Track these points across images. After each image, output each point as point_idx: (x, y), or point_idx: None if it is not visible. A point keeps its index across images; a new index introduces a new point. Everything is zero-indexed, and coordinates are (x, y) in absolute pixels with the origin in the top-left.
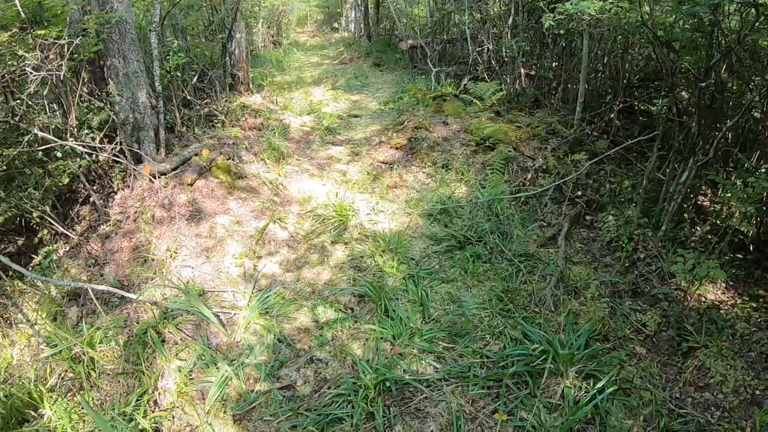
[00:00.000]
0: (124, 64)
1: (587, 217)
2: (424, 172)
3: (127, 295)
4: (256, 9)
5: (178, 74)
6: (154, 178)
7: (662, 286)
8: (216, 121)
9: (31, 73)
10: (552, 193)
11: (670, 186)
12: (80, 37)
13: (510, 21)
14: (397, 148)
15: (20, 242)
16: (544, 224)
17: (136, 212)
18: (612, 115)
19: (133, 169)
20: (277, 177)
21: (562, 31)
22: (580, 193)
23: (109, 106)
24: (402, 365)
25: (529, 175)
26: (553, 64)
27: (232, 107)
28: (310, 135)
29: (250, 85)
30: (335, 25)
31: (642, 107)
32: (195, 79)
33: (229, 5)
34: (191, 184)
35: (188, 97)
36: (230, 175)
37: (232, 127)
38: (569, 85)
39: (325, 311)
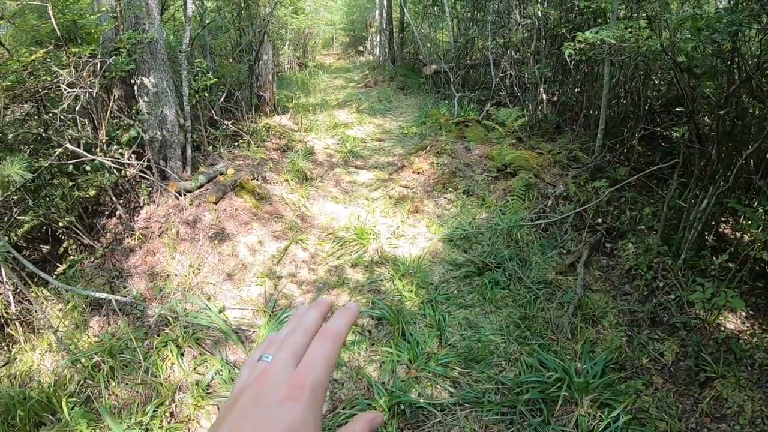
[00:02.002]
0: (155, 83)
1: (607, 245)
2: (445, 198)
3: (149, 308)
4: (283, 31)
5: (206, 94)
6: (180, 195)
7: (681, 315)
8: (241, 141)
9: (65, 89)
10: (572, 221)
11: (690, 213)
12: (113, 56)
13: (533, 47)
14: (419, 173)
15: (45, 250)
16: (564, 251)
17: (161, 228)
18: (633, 142)
19: (160, 185)
20: (300, 199)
21: (583, 58)
22: (600, 220)
23: (138, 123)
24: (417, 388)
25: (550, 202)
26: (575, 90)
27: (257, 128)
28: (333, 158)
29: (276, 107)
30: (360, 48)
31: (663, 133)
32: (222, 99)
33: (257, 27)
34: (216, 203)
35: (215, 117)
36: (254, 195)
37: (257, 147)
38: (591, 112)
39: None
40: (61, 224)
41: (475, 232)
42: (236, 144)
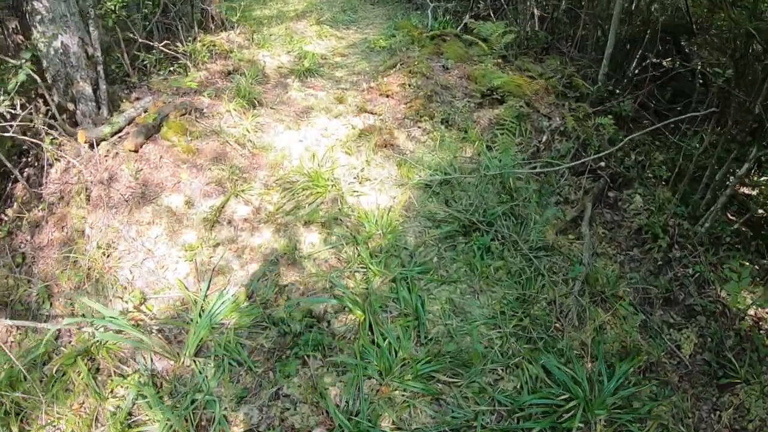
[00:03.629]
0: (49, 7)
1: (610, 194)
2: (419, 128)
3: (39, 326)
4: None
5: (123, 13)
6: (93, 146)
7: (699, 297)
8: (178, 65)
9: None
10: (569, 159)
11: (716, 173)
12: None
13: None
14: (387, 96)
15: None
16: (561, 200)
17: (70, 191)
18: (636, 70)
19: (67, 135)
20: (244, 133)
21: None
22: (603, 164)
23: (26, 62)
24: (390, 413)
25: (545, 138)
26: (570, 5)
27: (198, 48)
28: (288, 78)
29: (224, 21)
30: None
31: (674, 64)
32: (158, 15)
33: None
34: (136, 151)
35: (141, 40)
36: (185, 135)
37: (198, 71)
38: (590, 32)
39: (293, 325)
40: None
41: (458, 178)
42: (172, 70)
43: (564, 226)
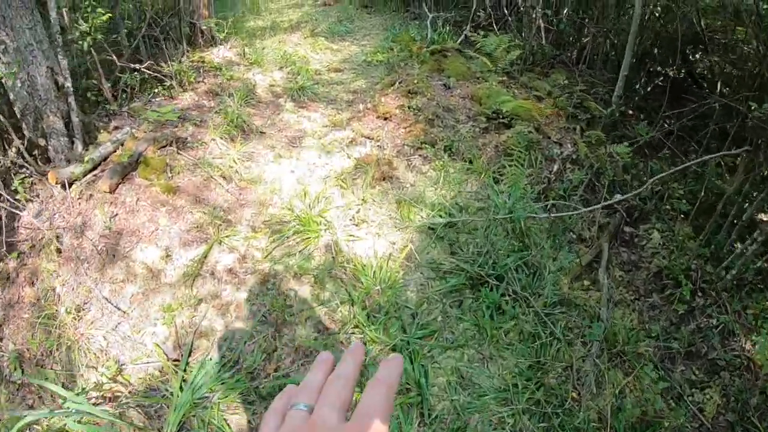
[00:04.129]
0: (13, 36)
1: (626, 229)
2: (421, 156)
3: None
4: None
5: (99, 36)
6: (66, 186)
7: (723, 350)
8: (162, 88)
9: None
10: (582, 192)
11: (743, 212)
12: None
13: None
14: (386, 118)
15: None
16: (575, 237)
17: (42, 239)
18: (649, 88)
19: (38, 175)
20: (231, 164)
21: None
22: (619, 195)
23: None
24: None
25: (556, 167)
26: (577, 16)
27: (184, 67)
28: (280, 97)
29: (214, 35)
30: None
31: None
32: (143, 29)
33: None
34: (111, 192)
35: (120, 63)
36: (165, 172)
37: (185, 91)
38: (601, 46)
39: None
40: None
41: (465, 220)
42: (155, 92)
43: (579, 271)
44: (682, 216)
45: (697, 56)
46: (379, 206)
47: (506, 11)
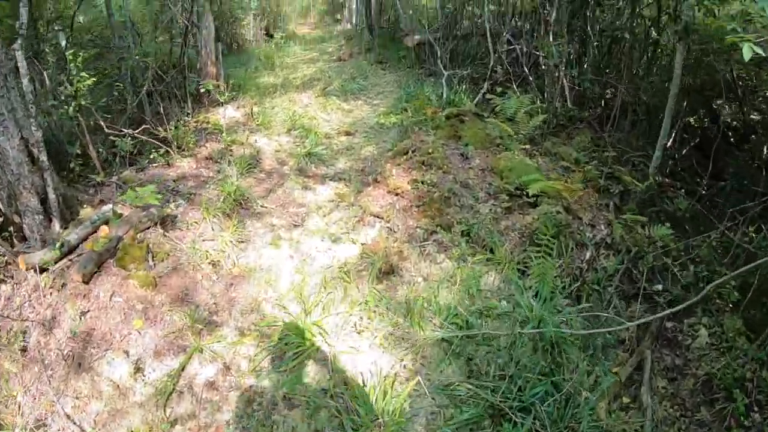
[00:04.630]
0: None
1: (668, 324)
2: (434, 241)
3: None
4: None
5: (83, 102)
6: (37, 271)
7: None
8: (157, 153)
9: None
10: (618, 282)
11: None
12: None
13: (553, 15)
14: (397, 194)
15: None
16: (612, 340)
17: (10, 331)
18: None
19: (12, 255)
20: (223, 248)
21: (620, 35)
22: (660, 286)
23: None
24: None
25: (588, 254)
26: (603, 75)
27: (184, 130)
28: (285, 165)
29: (221, 93)
30: (338, 16)
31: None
32: (146, 89)
33: None
34: (86, 282)
35: (107, 129)
36: (146, 260)
37: (184, 157)
38: (627, 105)
39: None
40: None
41: (484, 334)
42: (153, 157)
43: (618, 389)
44: (731, 306)
45: (730, 109)
46: (385, 309)
47: (525, 68)
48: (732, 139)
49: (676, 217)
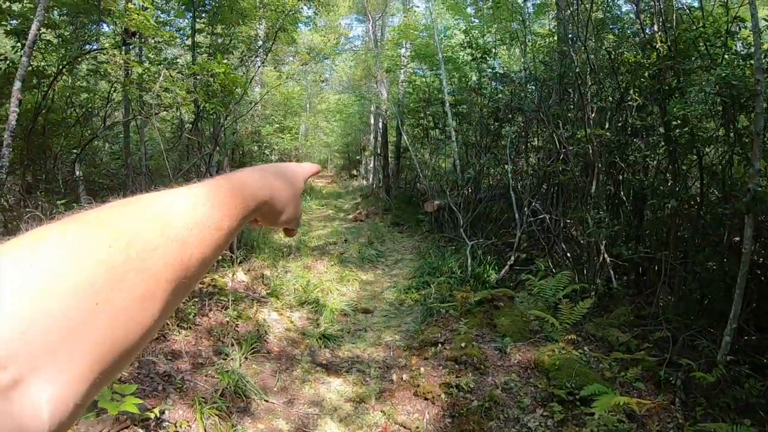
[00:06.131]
0: None
1: None
2: None
3: None
4: (267, 152)
5: None
6: None
7: None
8: None
9: None
10: None
11: None
12: None
13: (594, 188)
14: (426, 399)
15: None
16: None
17: None
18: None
19: None
20: None
21: (669, 203)
22: None
23: None
24: None
25: None
26: (649, 247)
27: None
28: (296, 347)
29: (234, 255)
30: (354, 172)
31: None
32: None
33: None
34: None
35: None
36: None
37: (182, 329)
38: (673, 280)
39: None
40: None
41: None
42: None
43: None
44: None
45: None
46: None
47: (555, 238)
48: None
49: (748, 404)
